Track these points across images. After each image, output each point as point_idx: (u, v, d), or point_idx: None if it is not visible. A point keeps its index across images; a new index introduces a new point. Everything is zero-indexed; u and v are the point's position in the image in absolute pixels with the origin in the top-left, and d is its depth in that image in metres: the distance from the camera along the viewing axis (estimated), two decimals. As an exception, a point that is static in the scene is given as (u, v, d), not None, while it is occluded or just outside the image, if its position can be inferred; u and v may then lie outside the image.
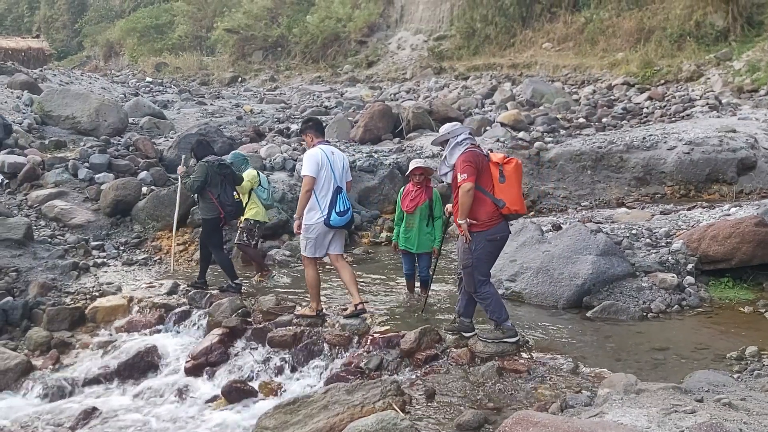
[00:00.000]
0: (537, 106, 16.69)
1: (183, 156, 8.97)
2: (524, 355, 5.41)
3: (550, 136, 13.77)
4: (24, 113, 15.20)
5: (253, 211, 8.15)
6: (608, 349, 5.66)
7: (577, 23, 21.96)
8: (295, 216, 6.48)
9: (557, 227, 8.33)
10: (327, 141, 6.67)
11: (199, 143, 8.12)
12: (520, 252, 7.41)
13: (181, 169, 8.29)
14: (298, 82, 27.15)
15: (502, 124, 14.30)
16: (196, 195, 7.78)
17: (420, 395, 4.92)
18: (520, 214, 5.55)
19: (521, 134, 13.65)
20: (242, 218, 8.15)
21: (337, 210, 6.16)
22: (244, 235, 8.16)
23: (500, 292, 7.12)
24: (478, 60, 23.39)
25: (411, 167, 6.92)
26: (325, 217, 6.14)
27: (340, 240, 6.47)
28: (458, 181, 5.29)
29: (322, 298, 6.59)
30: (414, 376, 5.31)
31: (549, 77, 19.95)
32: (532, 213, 11.59)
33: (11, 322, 7.28)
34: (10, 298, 7.52)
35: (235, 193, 7.87)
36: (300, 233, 6.29)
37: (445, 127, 5.63)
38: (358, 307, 6.26)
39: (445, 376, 5.24)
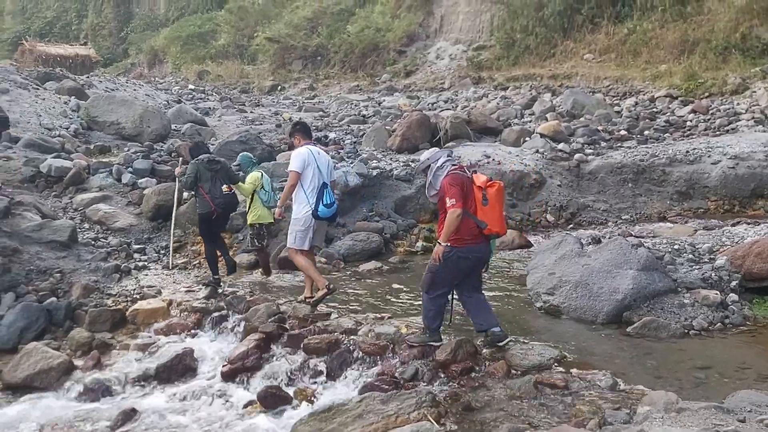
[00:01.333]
0: (577, 117, 16.51)
1: (180, 157, 9.42)
2: (562, 369, 5.33)
3: (590, 148, 13.62)
4: (71, 118, 15.59)
5: (257, 215, 8.54)
6: (648, 366, 5.54)
7: (619, 34, 21.69)
8: (278, 204, 7.41)
9: (597, 240, 8.20)
10: (313, 143, 7.32)
11: (195, 145, 8.84)
12: (559, 265, 7.32)
13: (177, 169, 8.85)
14: (337, 90, 27.36)
15: (542, 135, 14.18)
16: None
17: (455, 407, 4.88)
18: (500, 234, 5.76)
19: (561, 145, 13.53)
20: (248, 224, 8.63)
21: (324, 202, 6.75)
22: (255, 240, 8.60)
23: (538, 305, 7.08)
24: (518, 70, 23.26)
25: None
26: (313, 208, 6.73)
27: (321, 233, 7.18)
28: (447, 205, 5.49)
29: (353, 308, 6.66)
30: (449, 388, 5.26)
31: (590, 88, 19.74)
32: (570, 226, 11.48)
33: (55, 323, 7.45)
34: (54, 298, 7.70)
35: (225, 186, 8.07)
36: (280, 217, 7.04)
37: (425, 155, 5.91)
38: (307, 300, 6.92)
39: (481, 388, 5.19)
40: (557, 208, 12.06)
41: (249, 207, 8.62)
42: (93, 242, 9.39)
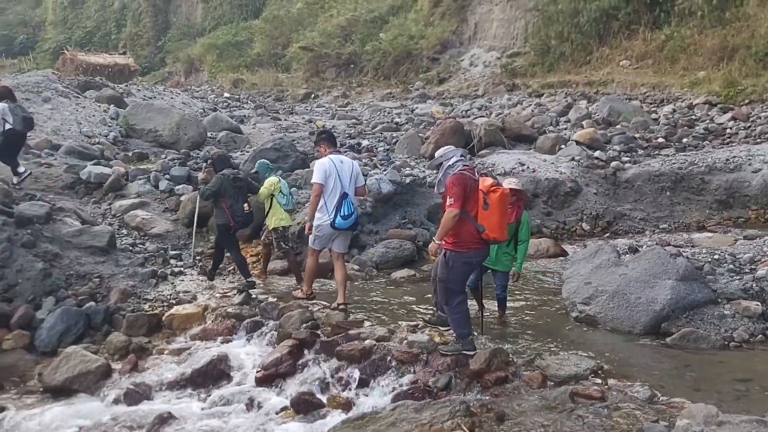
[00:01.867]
0: (614, 124, 16.31)
1: (204, 163, 9.58)
2: (598, 381, 5.25)
3: (627, 156, 13.44)
4: (110, 126, 15.91)
5: (276, 219, 8.72)
6: (687, 379, 5.42)
7: (656, 40, 21.37)
8: (306, 219, 7.47)
9: (634, 250, 8.07)
10: (338, 151, 7.41)
11: (219, 158, 8.87)
12: (595, 274, 7.21)
13: (201, 175, 8.92)
14: (370, 98, 27.45)
15: (578, 143, 14.04)
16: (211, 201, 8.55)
17: (490, 417, 4.82)
18: (498, 241, 5.73)
19: (597, 153, 13.39)
20: (270, 228, 8.76)
21: (342, 214, 6.90)
22: (281, 243, 8.79)
23: (573, 315, 6.99)
24: (553, 77, 23.07)
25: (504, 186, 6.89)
26: (331, 219, 6.91)
27: (344, 241, 7.28)
28: (446, 204, 5.55)
29: (386, 315, 6.64)
30: (483, 398, 5.21)
31: (626, 95, 19.48)
32: (607, 235, 11.32)
33: (93, 326, 7.58)
34: (92, 303, 7.84)
35: (246, 205, 8.29)
36: (310, 234, 7.13)
37: (439, 152, 5.95)
38: (340, 306, 7.01)
39: (516, 399, 5.12)
40: (593, 217, 11.90)
41: (267, 212, 8.80)
42: (131, 248, 9.55)
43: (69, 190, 11.54)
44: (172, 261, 9.48)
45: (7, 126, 10.41)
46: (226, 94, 29.05)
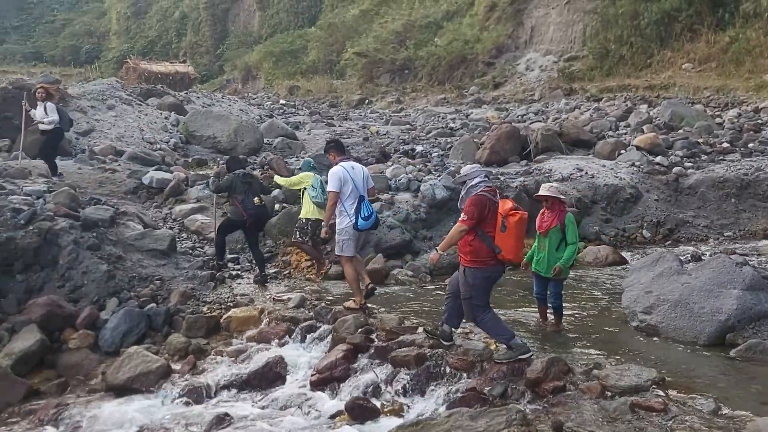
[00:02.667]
0: (676, 129, 15.88)
1: (220, 159, 10.14)
2: (660, 392, 5.09)
3: (690, 161, 13.07)
4: (171, 133, 16.35)
5: (305, 210, 9.08)
6: (753, 392, 5.21)
7: (720, 43, 20.73)
8: (323, 223, 7.82)
9: (697, 258, 7.84)
10: (347, 158, 7.85)
11: (232, 159, 9.84)
12: (657, 283, 7.01)
13: (215, 168, 9.46)
14: (424, 103, 27.46)
15: (638, 148, 13.72)
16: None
17: (546, 427, 4.74)
18: (513, 263, 5.95)
19: (658, 158, 13.05)
20: (298, 217, 9.21)
21: (363, 216, 7.29)
22: (297, 233, 9.10)
23: (634, 324, 6.81)
24: (612, 81, 22.63)
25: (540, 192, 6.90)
26: (354, 222, 7.29)
27: (357, 242, 7.65)
28: (460, 218, 5.81)
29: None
30: (540, 407, 5.12)
31: (689, 99, 18.94)
32: (668, 242, 11.01)
33: (154, 327, 7.75)
34: (154, 304, 8.02)
35: (256, 198, 8.93)
36: (326, 236, 7.61)
37: (464, 170, 6.19)
38: (369, 286, 7.42)
39: (574, 409, 5.02)
40: (654, 224, 11.59)
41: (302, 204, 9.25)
42: (190, 251, 9.76)
43: (132, 194, 11.90)
44: (230, 264, 9.64)
45: (56, 125, 11.40)
46: (282, 101, 29.52)
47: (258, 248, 9.28)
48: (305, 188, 9.08)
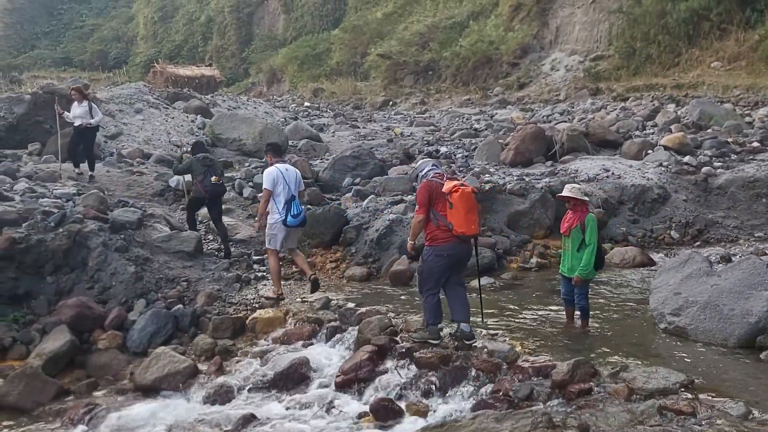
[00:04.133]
0: (704, 128, 15.63)
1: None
2: (689, 395, 5.01)
3: (719, 161, 12.86)
4: (197, 135, 16.50)
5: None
6: (786, 396, 5.11)
7: (750, 41, 20.35)
8: (256, 219, 9.06)
9: (727, 259, 7.71)
10: (283, 160, 8.72)
11: (196, 144, 11.06)
12: (685, 284, 6.91)
13: (181, 151, 11.01)
14: (448, 104, 27.39)
15: (666, 148, 13.53)
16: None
17: (573, 430, 4.69)
18: (468, 235, 6.22)
19: (687, 158, 12.87)
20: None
21: (292, 213, 8.02)
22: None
23: (662, 326, 6.72)
24: (639, 80, 22.35)
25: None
26: (283, 218, 8.03)
27: (295, 237, 8.50)
28: (415, 210, 6.39)
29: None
30: (566, 409, 5.08)
31: (718, 98, 18.62)
32: (697, 243, 10.84)
33: (181, 328, 7.84)
34: (180, 305, 8.11)
35: (213, 177, 9.70)
36: (259, 230, 8.37)
37: (415, 164, 6.73)
38: (312, 277, 8.23)
39: (601, 411, 4.96)
40: (682, 225, 11.42)
41: None
42: (216, 253, 9.84)
43: (159, 197, 12.04)
44: (255, 266, 9.71)
45: (77, 123, 11.87)
46: (307, 103, 29.65)
47: (221, 223, 10.02)
48: None
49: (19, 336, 7.48)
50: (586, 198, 6.93)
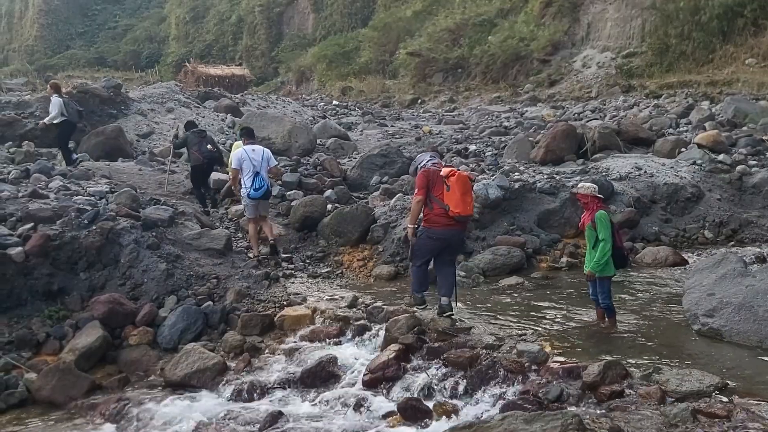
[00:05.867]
0: (739, 126, 15.30)
1: (176, 131, 13.44)
2: (723, 398, 4.90)
3: (754, 160, 12.59)
4: (227, 134, 16.65)
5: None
6: (823, 400, 4.97)
7: (786, 37, 19.91)
8: (224, 190, 11.47)
9: (762, 259, 7.54)
10: (253, 142, 9.83)
11: (188, 122, 12.69)
12: (719, 285, 6.77)
13: (172, 131, 13.08)
14: (477, 102, 27.21)
15: (699, 146, 13.27)
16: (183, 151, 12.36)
17: (604, 432, 4.62)
18: (464, 216, 6.83)
19: (721, 157, 12.61)
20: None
21: (254, 187, 9.32)
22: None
23: (695, 327, 6.60)
24: (672, 77, 21.99)
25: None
26: (249, 192, 9.34)
27: (264, 206, 9.81)
28: (414, 193, 7.04)
29: (494, 323, 6.55)
30: (597, 411, 5.00)
31: (753, 95, 18.22)
32: (731, 243, 10.62)
33: (210, 325, 7.91)
34: (210, 302, 8.18)
35: (209, 146, 11.36)
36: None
37: (415, 159, 7.41)
38: (271, 242, 9.68)
39: (632, 414, 4.87)
40: (716, 224, 11.20)
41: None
42: (245, 250, 9.91)
43: (190, 195, 12.18)
44: (284, 264, 9.75)
45: (63, 117, 12.63)
46: (335, 102, 29.70)
47: (209, 186, 11.76)
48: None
49: (52, 331, 7.62)
50: (588, 191, 6.80)
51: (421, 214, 6.99)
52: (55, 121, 12.80)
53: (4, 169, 11.54)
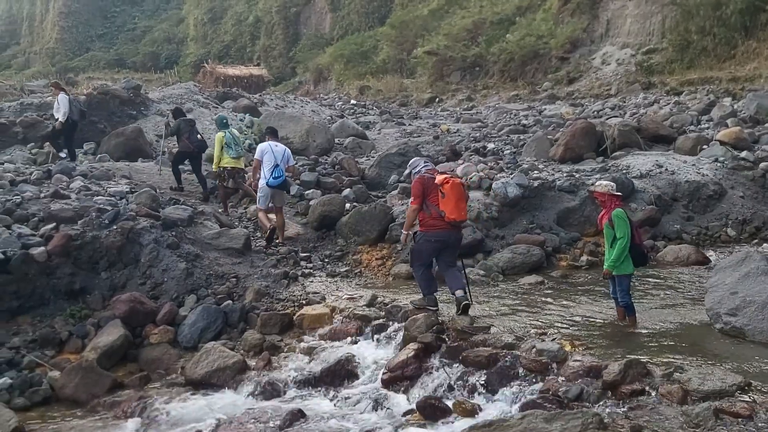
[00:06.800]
0: (762, 123, 15.07)
1: (167, 119, 14.21)
2: (746, 398, 4.84)
3: (777, 156, 12.39)
4: (245, 134, 16.71)
5: (222, 161, 11.35)
6: None
7: (810, 32, 19.58)
8: (248, 179, 11.50)
9: (787, 258, 7.40)
10: (276, 140, 10.58)
11: (176, 110, 13.53)
12: (743, 284, 6.67)
13: (164, 120, 13.75)
14: (495, 100, 27.08)
15: (722, 143, 13.10)
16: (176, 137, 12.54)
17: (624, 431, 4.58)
18: (459, 221, 7.05)
19: (744, 154, 12.44)
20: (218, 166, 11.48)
21: (273, 176, 9.91)
22: (218, 180, 11.70)
23: (718, 326, 6.52)
24: (693, 74, 21.72)
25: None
26: (267, 181, 9.96)
27: (280, 197, 10.39)
28: (410, 201, 7.28)
29: (513, 322, 6.51)
30: (618, 411, 4.96)
31: (776, 91, 17.94)
32: (755, 241, 10.48)
33: (230, 324, 7.97)
34: (230, 301, 8.23)
35: (199, 135, 12.13)
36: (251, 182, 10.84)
37: (409, 163, 7.60)
38: (272, 228, 10.07)
39: (653, 413, 4.83)
40: (739, 222, 11.06)
41: (218, 157, 11.39)
42: (264, 250, 9.95)
43: (209, 195, 12.25)
44: (302, 263, 9.78)
45: (66, 116, 12.97)
46: (353, 101, 29.71)
47: (201, 173, 12.19)
48: (222, 147, 11.29)
49: (75, 330, 7.73)
50: (605, 190, 6.76)
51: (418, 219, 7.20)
52: (62, 119, 13.07)
53: (26, 170, 11.69)
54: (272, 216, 10.35)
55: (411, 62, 35.61)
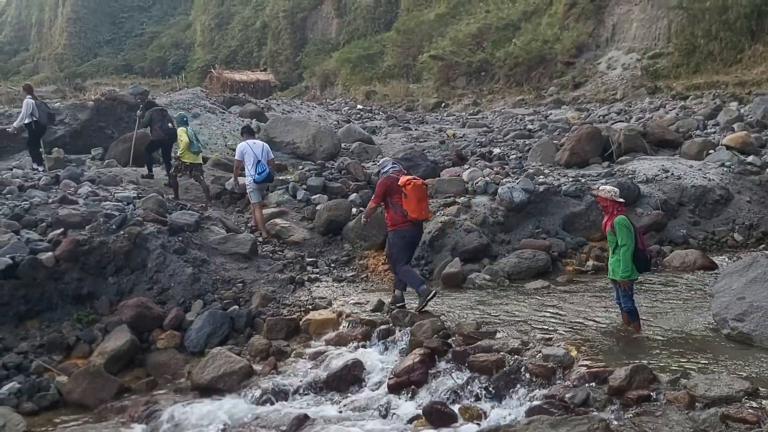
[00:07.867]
0: (769, 127, 15.04)
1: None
2: (754, 404, 4.82)
3: (785, 161, 12.35)
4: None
5: (184, 156, 11.90)
6: None
7: (817, 35, 19.52)
8: (232, 181, 12.30)
9: (795, 263, 7.37)
10: (252, 137, 11.41)
11: (148, 102, 14.30)
12: (750, 289, 6.66)
13: (139, 113, 13.87)
14: (501, 105, 27.10)
15: (728, 147, 13.07)
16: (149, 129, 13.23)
17: (631, 437, 4.58)
18: (419, 220, 7.55)
19: (750, 158, 12.42)
20: (181, 160, 12.02)
21: (257, 172, 10.57)
22: (172, 169, 12.35)
23: (724, 332, 6.51)
24: (699, 78, 21.69)
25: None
26: (253, 178, 10.60)
27: (263, 191, 11.32)
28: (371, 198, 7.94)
29: (519, 327, 6.50)
30: (624, 417, 4.96)
31: (783, 95, 17.88)
32: (762, 246, 10.45)
33: (236, 329, 7.98)
34: (236, 306, 8.25)
35: (170, 124, 12.71)
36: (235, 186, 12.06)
37: (379, 164, 8.17)
38: (265, 238, 10.64)
39: (660, 419, 4.82)
40: (746, 227, 11.03)
41: (180, 150, 11.98)
42: (270, 255, 9.98)
43: (215, 200, 12.31)
44: (309, 268, 9.80)
45: (33, 119, 12.85)
46: (359, 106, 29.78)
47: (170, 161, 12.81)
48: (185, 142, 11.81)
49: (82, 335, 7.75)
50: (607, 195, 6.72)
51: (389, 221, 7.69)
52: (24, 122, 13.06)
53: (34, 176, 11.76)
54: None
55: (417, 67, 35.67)
